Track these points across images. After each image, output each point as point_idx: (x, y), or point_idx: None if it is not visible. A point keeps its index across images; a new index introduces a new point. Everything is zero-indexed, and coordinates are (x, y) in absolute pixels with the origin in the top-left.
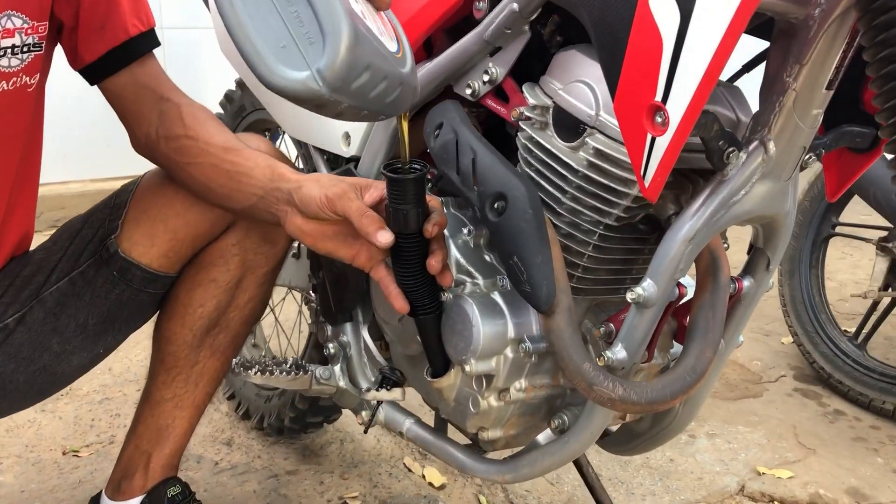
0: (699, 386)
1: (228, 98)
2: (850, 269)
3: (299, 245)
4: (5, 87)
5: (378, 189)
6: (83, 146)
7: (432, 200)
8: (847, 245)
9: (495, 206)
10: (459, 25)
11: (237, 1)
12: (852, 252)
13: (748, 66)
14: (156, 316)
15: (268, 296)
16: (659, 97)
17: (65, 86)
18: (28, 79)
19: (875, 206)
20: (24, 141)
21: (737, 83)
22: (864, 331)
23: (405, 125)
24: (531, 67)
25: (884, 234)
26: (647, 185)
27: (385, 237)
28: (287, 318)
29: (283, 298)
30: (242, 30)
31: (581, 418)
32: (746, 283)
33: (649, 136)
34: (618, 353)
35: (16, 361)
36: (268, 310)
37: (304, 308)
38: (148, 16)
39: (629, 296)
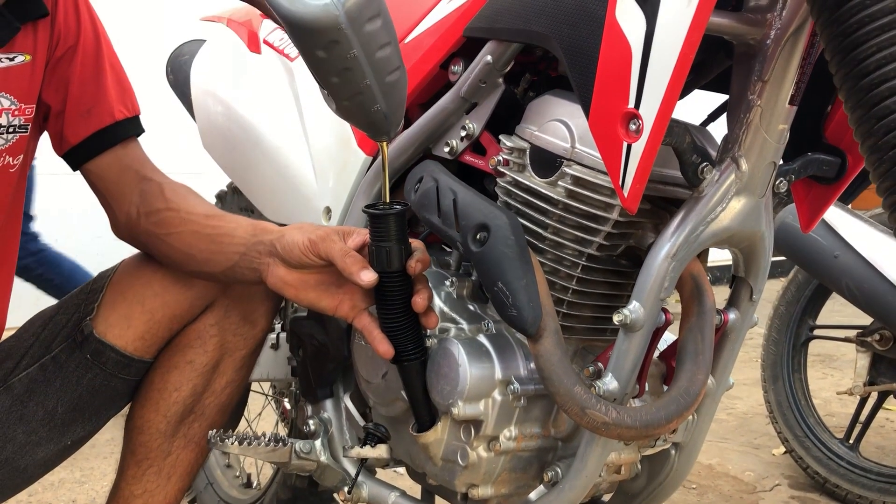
0: (693, 410)
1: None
2: (832, 387)
3: (277, 336)
4: None
5: (361, 235)
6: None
7: (414, 241)
8: (827, 366)
9: (478, 237)
10: (433, 101)
11: None
12: (832, 372)
13: (714, 115)
14: (126, 410)
15: (244, 382)
16: (632, 104)
17: (40, 228)
18: (11, 159)
19: (850, 298)
20: (2, 222)
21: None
22: (854, 431)
23: (385, 154)
24: (506, 123)
25: (861, 330)
26: (626, 194)
27: (368, 276)
28: None
29: (259, 414)
30: None
31: (575, 462)
32: (732, 315)
33: (625, 145)
34: (609, 383)
35: None
36: (244, 423)
37: (281, 423)
38: (133, 103)
39: (616, 318)
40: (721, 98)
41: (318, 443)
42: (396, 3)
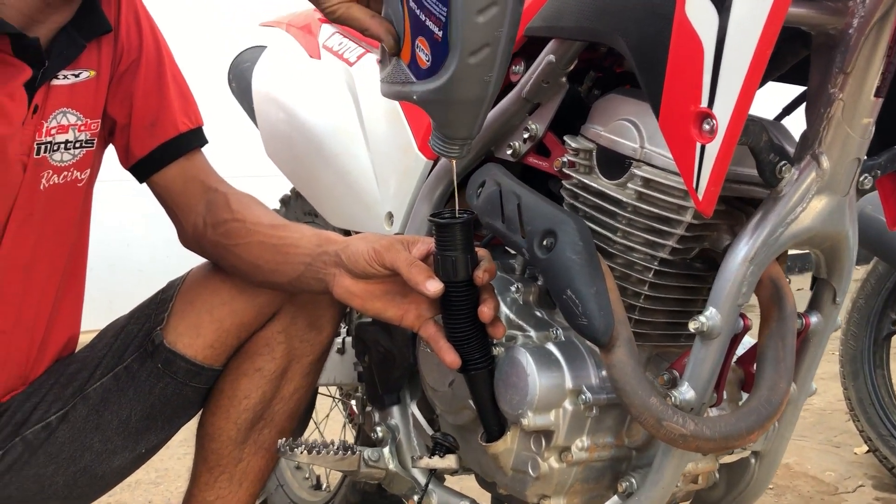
0: (775, 421)
1: None
2: None
3: (343, 340)
4: (57, 181)
5: (426, 244)
6: (129, 293)
7: (480, 250)
8: None
9: (544, 243)
10: (496, 103)
11: None
12: None
13: (789, 108)
14: (198, 417)
15: (312, 388)
16: (705, 103)
17: (110, 235)
18: (79, 174)
19: None
20: (73, 236)
21: None
22: None
23: (454, 171)
24: (570, 123)
25: None
26: (700, 197)
27: (434, 286)
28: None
29: (327, 416)
30: None
31: (651, 473)
32: (814, 318)
33: (699, 146)
34: (685, 392)
35: (56, 462)
36: (312, 426)
37: (349, 424)
38: (196, 114)
39: (692, 325)
40: (796, 90)
41: (386, 450)
42: None
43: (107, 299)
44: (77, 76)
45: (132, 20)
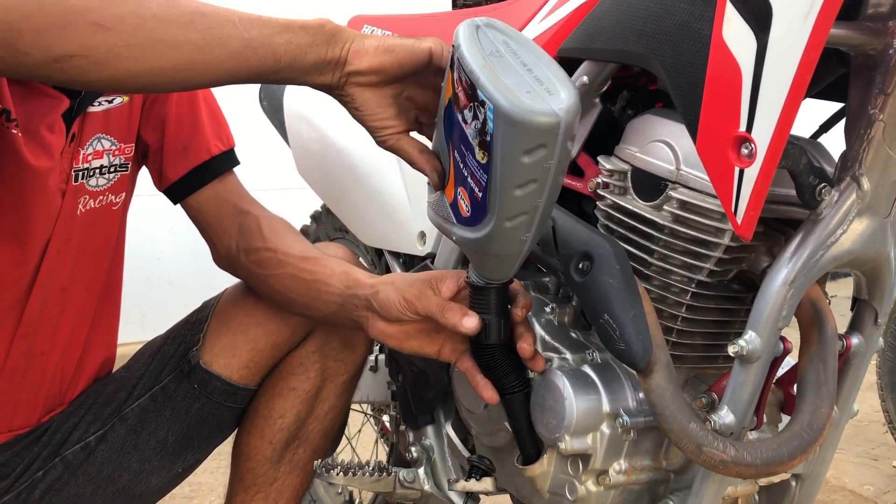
0: (817, 446)
1: (304, 233)
2: None
3: (376, 358)
4: (93, 206)
5: (453, 278)
6: (161, 306)
7: (515, 283)
8: None
9: (580, 266)
10: None
11: (491, 61)
12: None
13: (827, 126)
14: (234, 436)
15: (346, 407)
16: (743, 127)
17: (143, 248)
18: (114, 197)
19: None
20: (109, 258)
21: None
22: None
23: None
24: (603, 143)
25: None
26: (739, 221)
27: (471, 322)
28: (363, 454)
29: (360, 430)
30: (497, 81)
31: (690, 497)
32: (855, 340)
33: (737, 170)
34: (724, 416)
35: (95, 483)
36: (344, 441)
37: (381, 439)
38: (228, 137)
39: (731, 349)
40: (833, 106)
41: (421, 471)
42: None
43: (139, 312)
44: (111, 101)
45: None
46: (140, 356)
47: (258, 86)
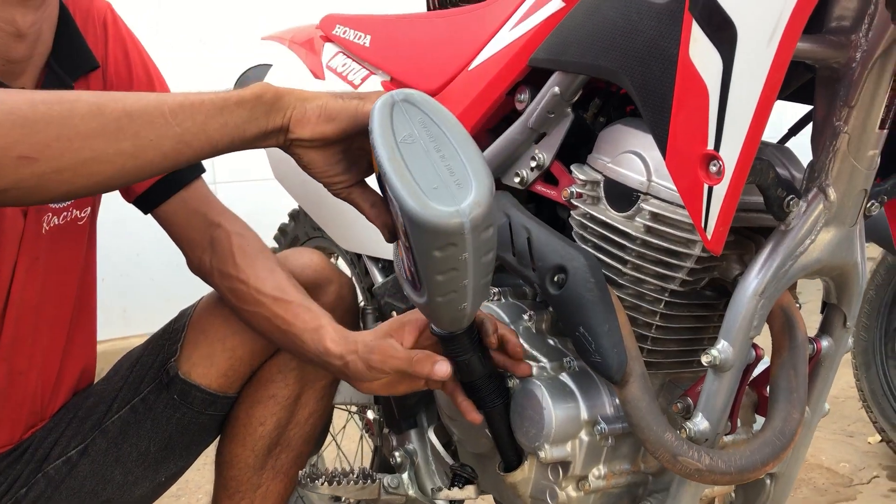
0: (789, 451)
1: (282, 231)
2: None
3: None
4: (57, 222)
5: (412, 325)
6: (141, 302)
7: (481, 313)
8: None
9: (555, 279)
10: (501, 126)
11: (402, 151)
12: None
13: (795, 129)
14: (217, 442)
15: (327, 411)
16: (711, 146)
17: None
18: (78, 213)
19: None
20: (80, 272)
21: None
22: None
23: None
24: (576, 150)
25: None
26: (709, 237)
27: (442, 368)
28: (348, 449)
29: (344, 427)
30: (403, 177)
31: (668, 500)
32: (825, 343)
33: (706, 187)
34: (699, 423)
35: (79, 497)
36: (329, 439)
37: (366, 434)
38: None
39: (704, 359)
40: (803, 108)
41: (405, 476)
42: (457, 29)
43: (120, 307)
44: None
45: (120, 52)
46: (119, 368)
47: (232, 84)
